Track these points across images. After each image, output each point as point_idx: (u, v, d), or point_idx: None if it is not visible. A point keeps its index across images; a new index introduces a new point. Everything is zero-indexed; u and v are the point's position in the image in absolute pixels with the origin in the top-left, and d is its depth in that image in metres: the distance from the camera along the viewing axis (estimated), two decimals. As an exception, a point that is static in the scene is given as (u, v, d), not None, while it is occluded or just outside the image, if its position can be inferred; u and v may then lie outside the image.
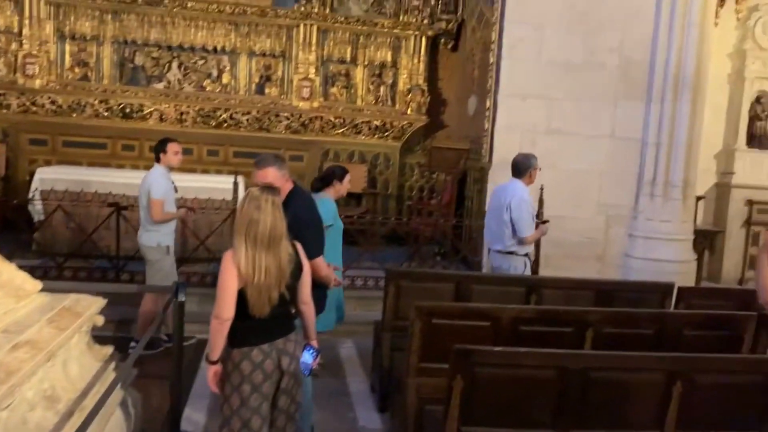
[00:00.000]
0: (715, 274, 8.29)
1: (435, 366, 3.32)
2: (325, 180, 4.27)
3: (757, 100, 8.43)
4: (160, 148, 4.94)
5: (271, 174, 3.18)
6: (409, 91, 8.73)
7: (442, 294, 4.29)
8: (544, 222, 5.06)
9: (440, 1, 8.88)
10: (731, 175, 8.40)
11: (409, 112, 8.79)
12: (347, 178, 4.31)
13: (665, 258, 6.48)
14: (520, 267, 4.82)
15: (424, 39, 8.81)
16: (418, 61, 8.82)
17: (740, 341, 3.63)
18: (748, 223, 8.35)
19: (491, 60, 6.99)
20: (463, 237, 7.49)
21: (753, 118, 8.45)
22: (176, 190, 5.05)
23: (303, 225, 3.04)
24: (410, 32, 8.78)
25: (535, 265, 6.09)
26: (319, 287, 3.30)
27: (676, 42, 6.55)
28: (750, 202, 8.32)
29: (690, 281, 6.86)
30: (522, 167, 4.85)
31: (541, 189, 6.09)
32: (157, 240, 4.90)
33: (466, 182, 7.97)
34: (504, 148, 6.74)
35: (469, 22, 8.67)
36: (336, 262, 4.16)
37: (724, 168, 8.52)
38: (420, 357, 3.50)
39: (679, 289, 4.47)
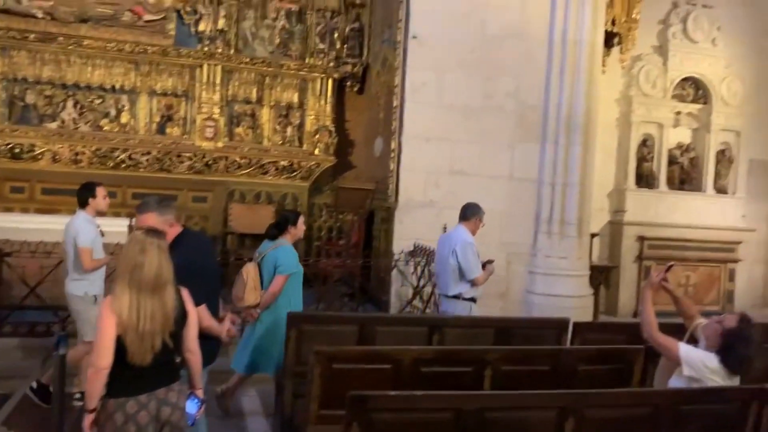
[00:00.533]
0: (612, 308, 8.68)
1: (336, 413, 3.22)
2: (280, 226, 4.44)
3: (644, 142, 9.03)
4: (87, 192, 4.67)
5: (152, 219, 3.08)
6: (317, 131, 8.75)
7: (346, 337, 4.22)
8: (490, 262, 5.22)
9: (345, 45, 9.03)
10: (623, 213, 8.89)
11: (316, 152, 8.80)
12: (301, 220, 4.50)
13: (564, 293, 6.71)
14: (465, 311, 4.97)
15: (330, 81, 8.89)
16: (325, 103, 8.88)
17: (630, 374, 3.76)
18: (640, 258, 8.83)
19: (395, 103, 7.14)
20: (372, 277, 7.48)
21: (641, 159, 9.03)
22: (102, 235, 4.79)
23: (189, 271, 2.92)
24: (316, 74, 8.84)
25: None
26: (211, 337, 3.16)
27: (566, 88, 6.92)
28: (641, 239, 8.82)
29: (588, 315, 7.14)
30: (470, 212, 5.11)
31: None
32: (84, 289, 4.60)
33: (374, 222, 8.02)
34: (409, 189, 6.87)
35: (374, 66, 8.86)
36: (296, 307, 4.36)
37: (616, 206, 9.01)
38: (320, 404, 3.40)
39: (575, 324, 4.60)
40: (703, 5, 9.09)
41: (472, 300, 5.07)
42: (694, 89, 9.26)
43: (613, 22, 7.83)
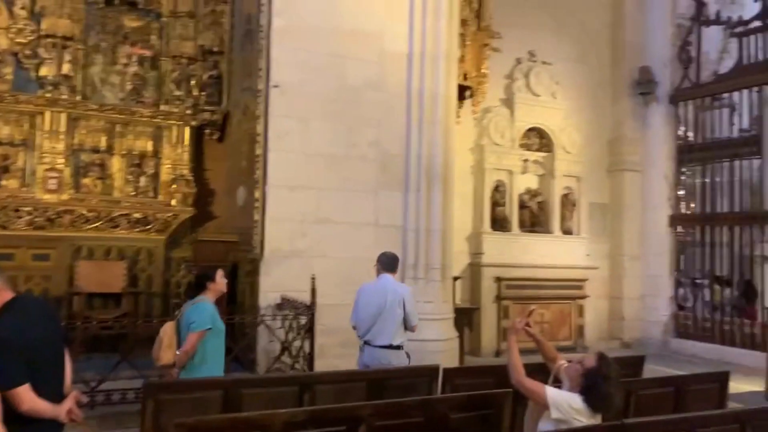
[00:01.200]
0: (476, 348, 8.95)
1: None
2: (198, 286, 4.31)
3: (496, 188, 9.57)
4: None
5: None
6: (173, 181, 8.31)
7: (210, 403, 3.92)
8: None
9: (203, 93, 8.76)
10: (481, 255, 9.28)
11: (173, 203, 8.34)
12: (219, 273, 4.33)
13: (431, 338, 6.79)
14: (405, 360, 5.08)
15: (187, 129, 8.51)
16: (182, 151, 8.47)
17: (500, 418, 3.82)
18: (498, 298, 9.23)
19: (258, 151, 6.98)
20: (236, 335, 7.13)
21: (494, 204, 9.54)
22: None
23: (6, 346, 2.56)
24: (172, 122, 8.44)
25: (310, 358, 5.98)
26: (45, 422, 2.76)
27: (425, 138, 7.19)
28: (498, 279, 9.23)
29: (455, 357, 7.28)
30: (395, 263, 5.28)
31: (313, 278, 6.07)
32: None
33: (237, 276, 7.71)
34: (275, 239, 6.69)
35: (234, 114, 8.65)
36: (217, 371, 4.21)
37: (475, 249, 9.40)
38: (184, 482, 3.10)
39: (444, 370, 4.64)
40: (543, 62, 9.94)
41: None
42: (539, 138, 10.01)
43: (465, 77, 8.30)
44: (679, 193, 10.58)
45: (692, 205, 10.65)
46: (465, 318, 8.26)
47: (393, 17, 7.24)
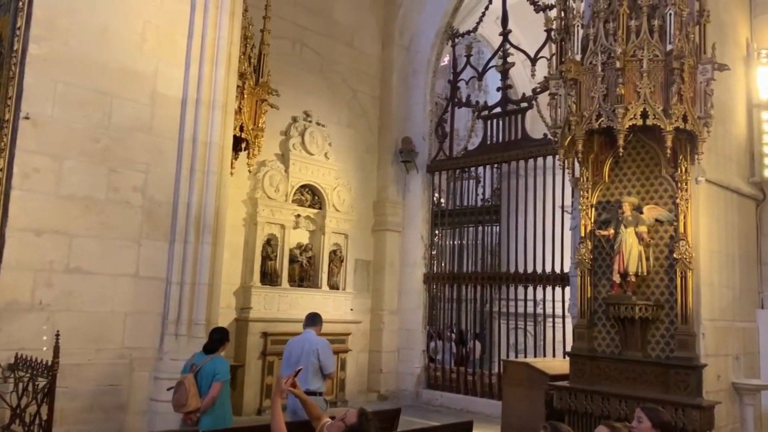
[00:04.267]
0: (238, 407, 8.65)
1: None
2: (216, 343, 5.41)
3: (268, 242, 9.56)
4: None
5: None
6: None
7: None
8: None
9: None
10: (249, 310, 9.13)
11: None
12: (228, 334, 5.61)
13: (191, 398, 6.42)
14: (323, 406, 5.68)
15: None
16: None
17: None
18: (264, 354, 9.11)
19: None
20: None
21: (265, 258, 9.50)
22: None
23: None
24: None
25: (48, 426, 5.26)
26: None
27: (196, 187, 6.96)
28: (265, 335, 9.13)
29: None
30: (318, 320, 6.22)
31: (57, 335, 5.39)
32: None
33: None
34: (12, 290, 5.84)
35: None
36: (227, 410, 5.29)
37: (242, 304, 9.22)
38: None
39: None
40: (317, 123, 10.34)
41: (323, 395, 5.92)
42: (312, 195, 10.30)
43: (242, 128, 8.27)
44: (433, 252, 11.58)
45: (443, 265, 11.68)
46: (228, 375, 7.98)
47: (168, 60, 7.01)
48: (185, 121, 7.08)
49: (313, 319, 6.19)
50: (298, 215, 9.99)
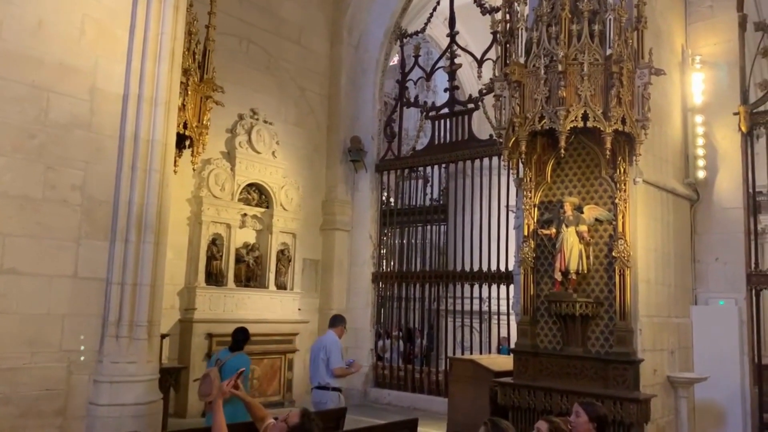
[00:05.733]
0: (182, 410, 8.51)
1: None
2: (240, 341, 6.17)
3: (213, 241, 9.41)
4: None
5: None
6: None
7: None
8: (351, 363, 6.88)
9: None
10: (193, 311, 8.97)
11: None
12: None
13: (132, 401, 6.25)
14: (335, 400, 6.46)
15: None
16: None
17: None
18: (209, 356, 8.93)
19: (-76, 186, 5.84)
20: None
21: (210, 258, 9.35)
22: None
23: None
24: None
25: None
26: None
27: (138, 185, 6.76)
28: (210, 336, 8.99)
29: (158, 421, 6.79)
30: (338, 321, 6.97)
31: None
32: None
33: None
34: (-62, 292, 5.58)
35: None
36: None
37: (186, 305, 9.05)
38: None
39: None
40: (264, 121, 10.23)
41: (338, 390, 6.64)
42: (258, 194, 10.19)
43: (186, 126, 8.10)
44: (382, 252, 11.62)
45: (393, 263, 11.74)
46: (171, 378, 7.82)
47: (108, 55, 6.79)
48: (126, 117, 6.86)
49: (333, 321, 7.03)
50: (245, 214, 9.86)
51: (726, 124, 7.83)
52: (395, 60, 12.74)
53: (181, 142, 8.26)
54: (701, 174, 7.95)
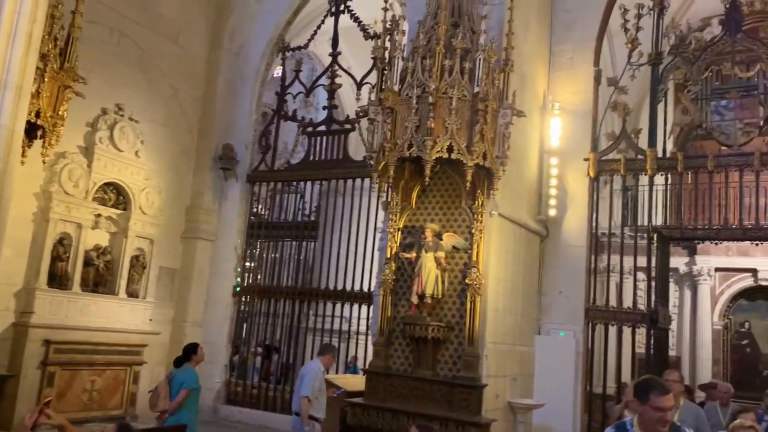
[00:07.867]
0: (8, 422, 7.75)
1: None
2: (186, 355, 6.13)
3: (60, 241, 8.72)
4: None
5: None
6: None
7: None
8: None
9: None
10: (30, 314, 8.25)
11: None
12: (200, 348, 6.24)
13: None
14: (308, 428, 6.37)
15: None
16: None
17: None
18: (44, 363, 8.28)
19: None
20: None
21: (55, 258, 8.66)
22: None
23: None
24: None
25: None
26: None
27: (-24, 174, 6.16)
28: (47, 342, 8.31)
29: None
30: (327, 350, 6.89)
31: None
32: None
33: None
34: None
35: None
36: (193, 416, 5.97)
37: (23, 307, 8.32)
38: None
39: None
40: (130, 118, 9.70)
41: (317, 420, 6.45)
42: (116, 194, 9.61)
43: (38, 115, 7.51)
44: (251, 264, 11.32)
45: (261, 277, 11.44)
46: (-3, 387, 7.12)
47: (-46, 30, 6.17)
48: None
49: (322, 349, 7.00)
50: (99, 215, 9.24)
51: (577, 168, 8.48)
52: (278, 72, 12.59)
53: (33, 131, 7.64)
54: (552, 212, 8.51)
